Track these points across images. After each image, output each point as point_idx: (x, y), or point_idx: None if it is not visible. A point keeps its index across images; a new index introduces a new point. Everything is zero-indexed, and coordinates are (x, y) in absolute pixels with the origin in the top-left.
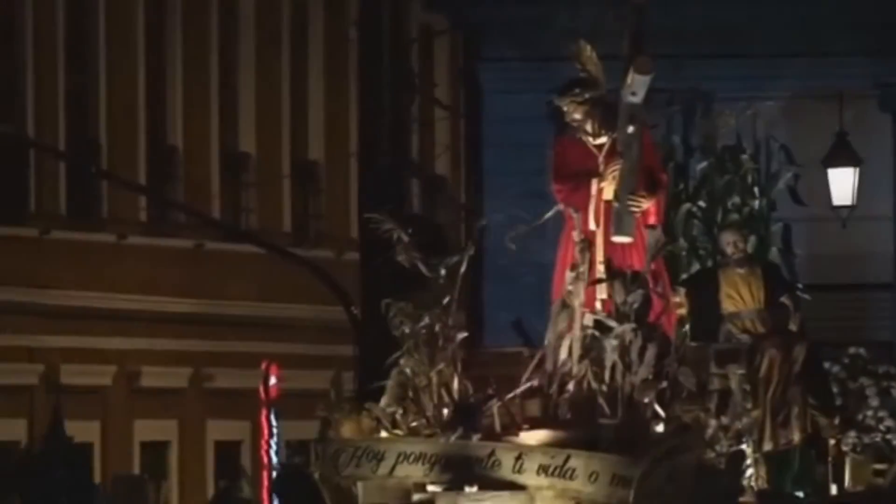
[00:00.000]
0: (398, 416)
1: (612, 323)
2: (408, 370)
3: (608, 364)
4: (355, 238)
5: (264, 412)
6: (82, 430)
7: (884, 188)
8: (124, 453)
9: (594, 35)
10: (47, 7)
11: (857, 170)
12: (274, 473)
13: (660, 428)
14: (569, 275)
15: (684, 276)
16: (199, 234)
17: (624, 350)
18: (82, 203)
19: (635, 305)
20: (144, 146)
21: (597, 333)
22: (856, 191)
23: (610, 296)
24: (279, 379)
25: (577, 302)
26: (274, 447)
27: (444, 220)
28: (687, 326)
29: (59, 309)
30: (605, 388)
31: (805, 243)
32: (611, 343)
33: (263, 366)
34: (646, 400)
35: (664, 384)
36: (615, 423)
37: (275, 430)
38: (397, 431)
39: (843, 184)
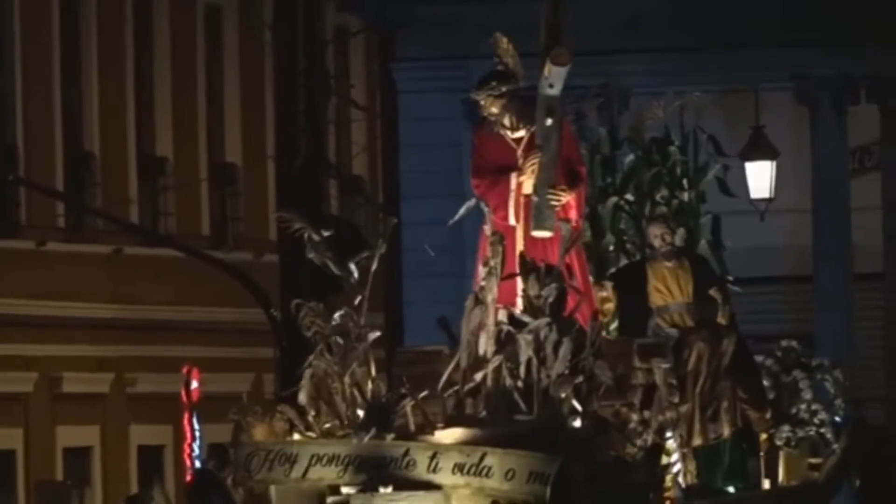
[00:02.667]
0: (311, 418)
1: (527, 318)
2: (320, 371)
3: (523, 360)
4: (274, 240)
5: (186, 416)
6: (4, 438)
7: (801, 181)
8: (47, 460)
9: (509, 32)
10: None
11: (775, 163)
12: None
13: (577, 423)
14: (481, 270)
15: (612, 270)
16: (118, 239)
17: (539, 345)
18: (0, 210)
19: (550, 300)
20: (61, 152)
21: (511, 329)
22: (773, 184)
23: (525, 290)
24: (200, 382)
25: (490, 297)
26: (196, 451)
27: (362, 221)
28: (615, 323)
29: None
30: (520, 384)
31: (723, 236)
32: (525, 338)
33: (185, 370)
34: (562, 395)
35: (580, 379)
36: (531, 420)
37: (197, 434)
38: (310, 433)
39: (760, 177)
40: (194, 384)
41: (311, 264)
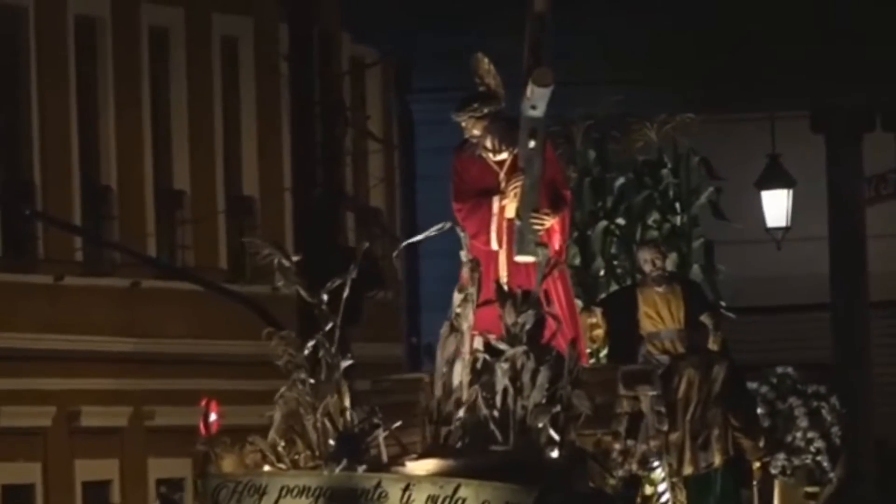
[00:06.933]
0: (281, 449)
1: (503, 345)
2: (292, 402)
3: (499, 388)
4: None
5: None
6: (23, 472)
7: (817, 209)
8: (66, 494)
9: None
10: None
11: (791, 191)
12: None
13: (554, 454)
14: (456, 296)
15: (602, 295)
16: (136, 272)
17: (515, 374)
18: (18, 244)
19: (527, 327)
20: (79, 186)
21: (487, 357)
22: (790, 212)
23: (501, 317)
24: (219, 415)
25: (466, 325)
26: None
27: (380, 253)
28: (605, 349)
29: None
30: (496, 413)
31: (739, 265)
32: (501, 367)
33: (203, 402)
34: (539, 425)
35: (558, 408)
36: (507, 450)
37: None
38: (281, 465)
39: (776, 205)
40: (213, 417)
41: (329, 295)
